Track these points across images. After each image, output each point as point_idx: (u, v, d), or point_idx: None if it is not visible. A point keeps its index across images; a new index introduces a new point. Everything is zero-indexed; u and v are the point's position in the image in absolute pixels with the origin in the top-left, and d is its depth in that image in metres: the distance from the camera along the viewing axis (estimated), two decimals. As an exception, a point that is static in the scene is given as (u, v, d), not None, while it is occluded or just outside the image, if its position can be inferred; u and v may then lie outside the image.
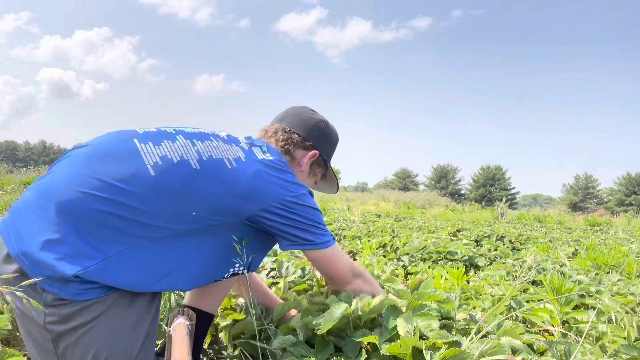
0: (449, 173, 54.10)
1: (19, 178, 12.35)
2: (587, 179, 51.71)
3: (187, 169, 1.13)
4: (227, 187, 1.16)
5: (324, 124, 1.52)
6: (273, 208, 1.20)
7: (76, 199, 1.05)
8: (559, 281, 1.83)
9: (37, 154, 69.47)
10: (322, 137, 1.51)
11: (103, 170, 1.09)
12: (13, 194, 7.51)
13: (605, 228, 12.43)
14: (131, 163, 1.11)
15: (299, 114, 1.53)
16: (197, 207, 1.12)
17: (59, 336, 1.06)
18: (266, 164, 1.26)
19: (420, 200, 24.22)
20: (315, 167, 1.54)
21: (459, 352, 0.92)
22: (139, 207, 1.07)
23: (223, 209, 1.16)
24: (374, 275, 2.52)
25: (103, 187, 1.06)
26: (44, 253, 1.01)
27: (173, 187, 1.10)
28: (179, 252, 1.14)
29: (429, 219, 11.17)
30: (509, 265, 3.35)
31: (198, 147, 1.19)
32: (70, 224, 1.03)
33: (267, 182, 1.21)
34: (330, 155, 1.57)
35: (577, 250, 5.11)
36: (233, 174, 1.18)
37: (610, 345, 1.32)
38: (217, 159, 1.19)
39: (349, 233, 5.30)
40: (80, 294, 1.04)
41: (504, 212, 16.25)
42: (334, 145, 1.58)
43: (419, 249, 4.01)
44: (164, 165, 1.11)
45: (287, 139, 1.46)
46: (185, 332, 0.94)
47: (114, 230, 1.05)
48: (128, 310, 1.11)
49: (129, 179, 1.08)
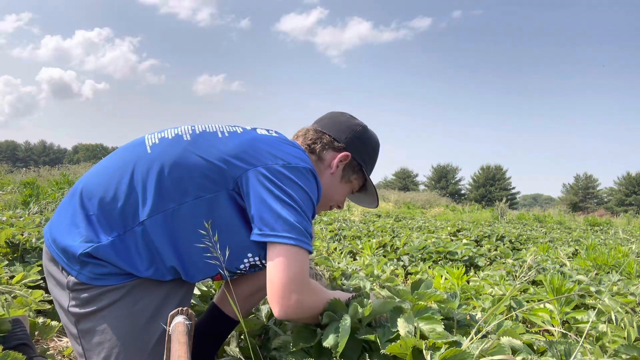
0: (449, 173, 54.13)
1: (19, 178, 12.34)
2: (587, 179, 51.74)
3: (181, 143, 1.16)
4: (215, 151, 1.13)
5: (360, 128, 1.40)
6: (258, 171, 1.09)
7: (92, 188, 1.16)
8: (559, 281, 1.83)
9: (37, 154, 69.52)
10: (357, 140, 1.38)
11: (116, 160, 1.20)
12: (13, 194, 7.51)
13: (605, 228, 12.44)
14: (135, 150, 1.20)
15: (335, 117, 1.44)
16: (188, 175, 1.11)
17: (78, 319, 1.13)
18: (263, 135, 1.21)
19: (421, 200, 24.23)
20: (349, 173, 1.39)
21: (459, 352, 0.92)
22: (141, 184, 1.12)
23: (210, 174, 1.11)
24: (373, 275, 2.52)
25: (113, 176, 1.15)
26: (64, 237, 1.13)
27: (166, 161, 1.13)
28: (180, 233, 1.12)
29: (429, 219, 11.17)
30: (509, 265, 3.35)
31: (196, 127, 1.23)
32: (87, 210, 1.14)
33: (257, 146, 1.15)
34: (367, 162, 1.42)
35: (577, 250, 5.11)
36: (224, 140, 1.16)
37: (610, 345, 1.32)
38: (211, 132, 1.20)
39: (349, 233, 5.30)
40: (98, 279, 1.10)
41: (504, 212, 16.26)
42: (372, 152, 1.43)
43: (419, 249, 4.01)
44: (160, 144, 1.18)
45: (317, 138, 1.36)
46: (185, 332, 0.94)
47: (121, 213, 1.11)
48: (145, 300, 1.13)
49: (137, 161, 1.16)
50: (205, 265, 1.16)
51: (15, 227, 2.80)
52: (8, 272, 2.07)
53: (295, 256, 1.07)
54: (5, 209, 5.44)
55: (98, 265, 1.10)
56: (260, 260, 1.19)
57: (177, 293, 1.19)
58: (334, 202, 1.43)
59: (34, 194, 6.70)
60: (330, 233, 5.22)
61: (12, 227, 2.81)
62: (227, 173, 1.11)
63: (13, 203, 6.40)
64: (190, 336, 0.94)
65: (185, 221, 1.11)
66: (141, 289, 1.13)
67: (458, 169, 54.49)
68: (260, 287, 1.42)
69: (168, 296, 1.17)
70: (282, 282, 1.04)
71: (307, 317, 1.12)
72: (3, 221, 3.02)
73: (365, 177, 1.43)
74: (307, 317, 1.11)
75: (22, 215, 3.93)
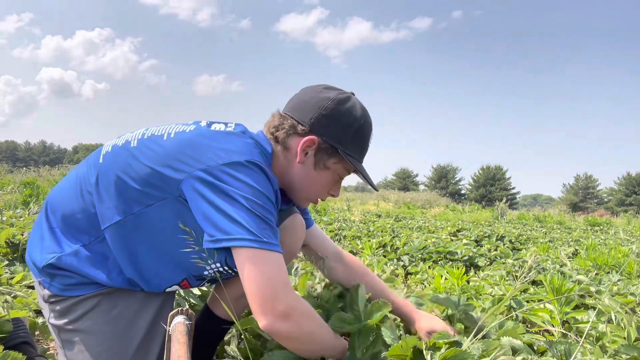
0: (449, 173, 54.09)
1: (19, 178, 12.34)
2: (587, 179, 51.70)
3: (127, 149, 1.12)
4: (156, 156, 1.06)
5: (329, 103, 1.16)
6: (196, 176, 0.99)
7: (55, 202, 1.18)
8: (559, 281, 1.83)
9: (37, 154, 69.48)
10: (325, 118, 1.16)
11: (76, 172, 1.21)
12: (13, 194, 7.51)
13: (605, 228, 12.43)
14: (91, 159, 1.20)
15: (304, 94, 1.22)
16: (132, 185, 1.06)
17: (59, 331, 1.14)
18: (209, 131, 1.11)
19: (421, 200, 24.22)
20: (323, 158, 1.19)
21: (459, 352, 0.92)
22: (95, 196, 1.11)
23: (151, 180, 1.04)
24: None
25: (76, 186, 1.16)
26: (33, 250, 1.16)
27: (113, 169, 1.10)
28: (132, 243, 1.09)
29: (429, 219, 11.17)
30: (509, 265, 3.35)
31: (149, 131, 1.16)
32: (50, 223, 1.16)
33: (195, 147, 1.04)
34: (344, 142, 1.18)
35: (577, 250, 5.11)
36: (167, 143, 1.08)
37: (610, 345, 1.32)
38: (158, 135, 1.12)
39: (349, 233, 5.29)
40: (68, 290, 1.11)
41: (504, 212, 16.25)
42: (348, 128, 1.18)
43: (419, 249, 4.01)
44: (111, 152, 1.15)
45: (279, 124, 1.18)
46: (184, 332, 0.94)
47: (81, 224, 1.12)
48: (119, 307, 1.13)
49: (87, 173, 1.16)
50: (168, 272, 1.13)
51: (15, 227, 2.80)
52: (8, 272, 2.07)
53: (262, 259, 0.96)
54: (5, 209, 5.43)
55: (65, 277, 1.10)
56: (223, 267, 1.12)
57: (156, 297, 1.18)
58: (314, 195, 1.26)
59: (34, 194, 6.69)
60: (330, 233, 5.22)
61: (12, 227, 2.81)
62: (168, 179, 1.03)
63: (13, 203, 6.39)
64: (190, 336, 0.94)
65: (139, 230, 1.08)
66: (115, 295, 1.13)
67: (458, 169, 54.47)
68: None
69: (146, 301, 1.16)
70: (259, 292, 0.95)
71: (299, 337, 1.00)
72: (3, 221, 3.02)
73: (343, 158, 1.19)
74: (298, 335, 0.99)
75: (22, 215, 3.93)
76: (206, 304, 1.45)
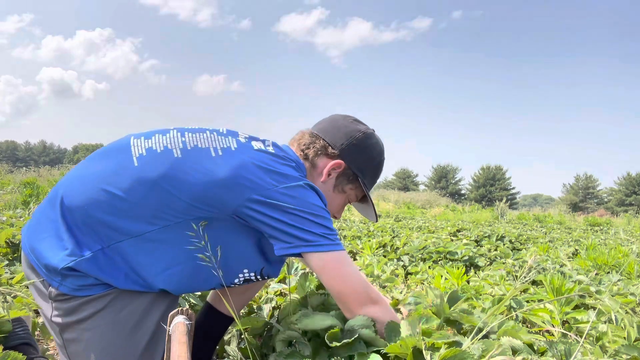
0: (449, 173, 54.09)
1: (19, 178, 12.34)
2: (587, 179, 51.69)
3: (170, 158, 1.08)
4: (207, 175, 1.05)
5: (360, 134, 1.29)
6: (258, 200, 1.04)
7: (73, 197, 1.10)
8: (559, 281, 1.83)
9: (37, 153, 69.51)
10: (354, 147, 1.28)
11: (97, 168, 1.13)
12: (13, 193, 7.51)
13: (605, 228, 12.43)
14: (119, 157, 1.13)
15: (335, 120, 1.33)
16: (178, 196, 1.05)
17: (63, 329, 1.11)
18: (258, 153, 1.13)
19: (421, 200, 24.22)
20: (343, 182, 1.30)
21: (459, 352, 0.92)
22: (125, 200, 1.06)
23: (203, 198, 1.05)
24: (373, 275, 2.52)
25: (99, 186, 1.09)
26: (46, 249, 1.09)
27: (154, 177, 1.06)
28: (168, 252, 1.08)
29: (429, 219, 11.16)
30: (509, 265, 3.35)
31: (186, 138, 1.14)
32: (67, 221, 1.09)
33: (252, 171, 1.07)
34: (365, 173, 1.31)
35: (577, 250, 5.11)
36: (216, 162, 1.08)
37: (611, 345, 1.32)
38: (203, 148, 1.11)
39: (349, 233, 5.30)
40: (79, 290, 1.08)
41: (504, 212, 16.25)
42: (371, 162, 1.32)
43: (419, 249, 4.01)
44: (148, 156, 1.10)
45: (310, 143, 1.28)
46: (185, 332, 0.94)
47: (105, 227, 1.07)
48: (129, 308, 1.11)
49: (117, 173, 1.09)
50: (200, 283, 1.15)
51: (16, 227, 2.80)
52: (8, 272, 2.07)
53: (345, 260, 1.10)
54: (6, 209, 5.43)
55: (79, 277, 1.07)
56: (256, 276, 1.20)
57: (164, 298, 1.17)
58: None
59: (34, 194, 6.70)
60: (330, 233, 5.21)
61: (12, 227, 2.81)
62: (223, 199, 1.05)
63: (13, 203, 6.40)
64: (191, 336, 0.94)
65: (175, 240, 1.07)
66: (125, 296, 1.11)
67: (458, 169, 54.48)
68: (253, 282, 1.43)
69: (154, 302, 1.15)
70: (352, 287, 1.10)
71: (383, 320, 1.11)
72: (3, 221, 3.02)
73: (362, 189, 1.32)
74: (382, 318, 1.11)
75: (22, 215, 3.93)
76: (207, 302, 1.45)
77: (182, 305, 1.64)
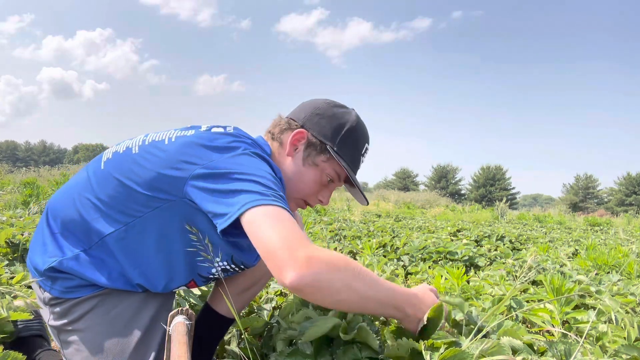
0: (449, 173, 54.08)
1: (19, 178, 12.33)
2: (587, 179, 51.69)
3: (129, 156, 1.14)
4: (158, 161, 1.08)
5: (324, 104, 1.26)
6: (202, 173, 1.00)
7: (56, 208, 1.19)
8: (559, 281, 1.82)
9: (37, 153, 69.51)
10: (316, 116, 1.22)
11: (76, 179, 1.22)
12: (13, 193, 7.51)
13: (605, 228, 12.43)
14: (93, 165, 1.21)
15: (305, 102, 1.31)
16: (136, 189, 1.07)
17: (58, 332, 1.16)
18: (207, 132, 1.13)
19: (421, 200, 24.21)
20: (312, 154, 1.21)
21: (459, 352, 0.92)
22: (98, 202, 1.12)
23: (157, 184, 1.06)
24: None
25: (76, 192, 1.16)
26: (35, 255, 1.17)
27: (117, 176, 1.11)
28: (138, 248, 1.11)
29: (429, 219, 11.16)
30: (509, 265, 3.35)
31: (148, 137, 1.18)
32: (51, 229, 1.17)
33: (199, 147, 1.06)
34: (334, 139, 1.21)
35: (577, 250, 5.10)
36: (167, 148, 1.10)
37: (611, 345, 1.32)
38: (159, 140, 1.14)
39: (349, 233, 5.29)
40: (68, 292, 1.13)
41: (504, 212, 16.25)
42: (339, 128, 1.22)
43: (419, 249, 4.01)
44: (112, 159, 1.17)
45: (277, 124, 1.27)
46: (185, 332, 0.94)
47: (83, 230, 1.13)
48: (118, 307, 1.15)
49: (89, 179, 1.17)
50: (175, 274, 1.16)
51: (16, 227, 2.80)
52: (8, 272, 2.07)
53: (273, 215, 0.88)
54: (6, 209, 5.43)
55: (66, 279, 1.12)
56: (230, 265, 1.17)
57: (156, 297, 1.19)
58: (302, 194, 1.26)
59: (34, 194, 6.69)
60: (330, 233, 5.22)
61: (12, 227, 2.80)
62: (173, 180, 1.05)
63: (13, 203, 6.39)
64: (191, 336, 0.94)
65: (146, 233, 1.10)
66: (115, 296, 1.15)
67: (458, 169, 54.50)
68: (254, 281, 1.42)
69: (146, 301, 1.18)
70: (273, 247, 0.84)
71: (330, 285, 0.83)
72: (3, 221, 3.01)
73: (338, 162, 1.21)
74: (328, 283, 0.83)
75: (22, 215, 3.93)
76: (207, 302, 1.45)
77: (182, 305, 1.64)
